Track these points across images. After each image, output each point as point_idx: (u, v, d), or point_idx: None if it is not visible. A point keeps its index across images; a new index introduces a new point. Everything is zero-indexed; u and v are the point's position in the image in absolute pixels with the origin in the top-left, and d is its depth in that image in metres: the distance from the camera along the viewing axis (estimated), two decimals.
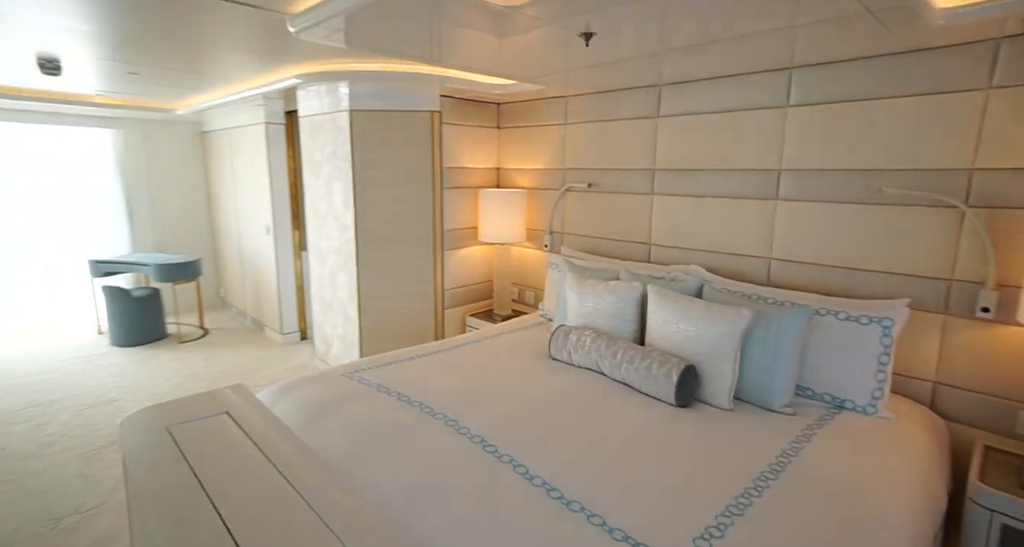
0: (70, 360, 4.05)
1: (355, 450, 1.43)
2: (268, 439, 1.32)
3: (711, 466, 1.42)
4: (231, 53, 2.53)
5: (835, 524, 1.20)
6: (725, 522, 1.18)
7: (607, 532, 1.13)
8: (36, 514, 2.24)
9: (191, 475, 1.15)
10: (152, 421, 1.40)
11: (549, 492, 1.27)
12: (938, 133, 1.79)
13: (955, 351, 1.83)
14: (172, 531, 0.95)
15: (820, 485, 1.35)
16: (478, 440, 1.49)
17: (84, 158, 4.79)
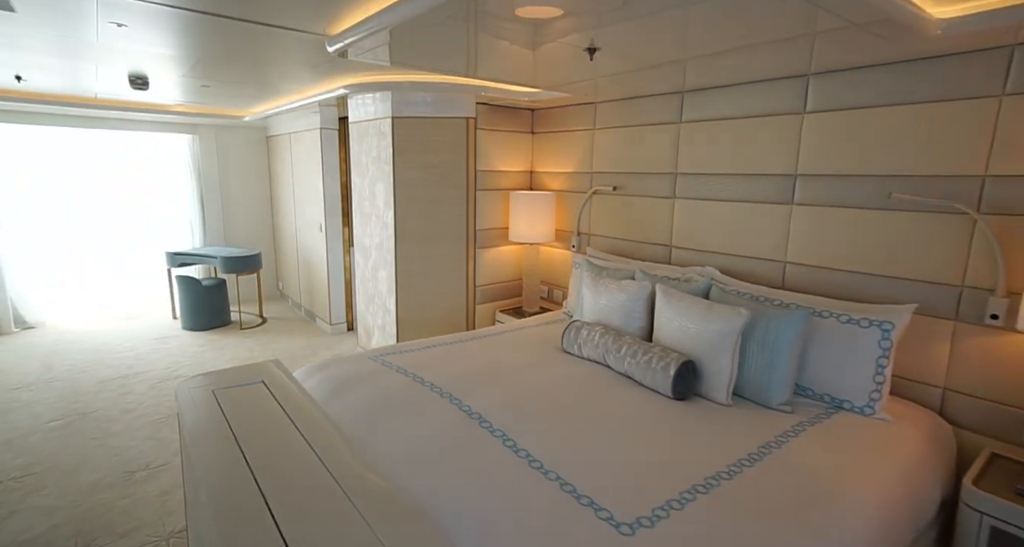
0: (148, 340, 4.57)
1: (367, 418, 1.64)
2: (293, 404, 1.55)
3: (692, 451, 1.51)
4: (287, 68, 2.83)
5: (793, 509, 1.27)
6: (688, 497, 1.28)
7: (576, 498, 1.26)
8: (116, 467, 2.62)
9: (228, 429, 1.39)
10: (201, 385, 1.67)
11: (531, 463, 1.41)
12: (950, 140, 1.78)
13: (965, 358, 1.81)
14: (213, 472, 1.17)
15: (793, 474, 1.42)
16: (476, 417, 1.65)
17: (165, 160, 5.38)
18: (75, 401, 3.37)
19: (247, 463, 1.18)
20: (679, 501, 1.27)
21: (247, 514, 0.99)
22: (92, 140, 5.05)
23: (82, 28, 2.04)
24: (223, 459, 1.23)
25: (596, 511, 1.22)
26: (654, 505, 1.24)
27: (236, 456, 1.21)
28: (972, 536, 1.52)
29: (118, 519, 2.22)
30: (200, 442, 1.29)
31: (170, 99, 4.04)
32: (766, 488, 1.35)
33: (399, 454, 1.44)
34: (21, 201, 4.82)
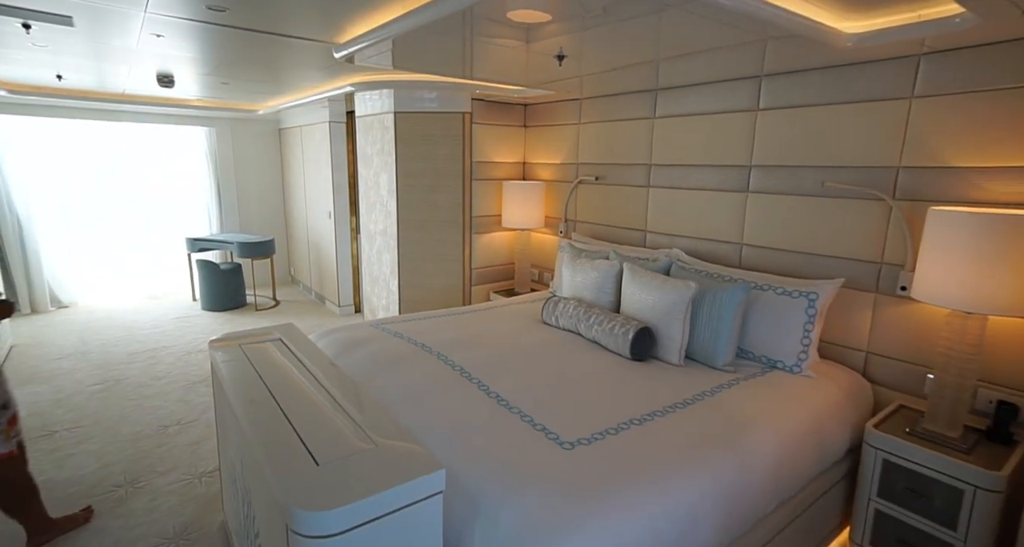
0: (171, 319, 4.95)
1: (369, 369, 1.96)
2: (307, 355, 1.87)
3: (638, 398, 1.81)
4: (299, 69, 3.14)
5: (709, 436, 1.57)
6: (623, 427, 1.59)
7: (532, 425, 1.58)
8: (152, 422, 2.98)
9: (255, 373, 1.71)
10: (229, 342, 1.99)
11: (499, 401, 1.72)
12: (872, 135, 2.04)
13: (883, 325, 2.09)
14: (245, 407, 1.47)
15: (717, 414, 1.71)
16: (458, 368, 1.97)
17: (184, 152, 5.73)
18: (110, 370, 3.74)
19: (276, 402, 1.50)
20: (615, 429, 1.57)
21: (280, 437, 1.30)
22: (118, 133, 5.40)
23: (126, 38, 2.35)
24: (256, 400, 1.55)
25: (547, 434, 1.53)
26: (594, 431, 1.55)
27: (267, 397, 1.53)
28: (870, 468, 1.82)
29: (157, 462, 2.58)
30: (235, 387, 1.62)
31: (190, 94, 4.37)
32: (691, 422, 1.65)
33: (394, 394, 1.76)
34: (55, 190, 5.20)
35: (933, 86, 1.87)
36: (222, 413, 1.88)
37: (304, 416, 1.40)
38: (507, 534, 1.18)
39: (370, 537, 1.08)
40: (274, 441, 1.27)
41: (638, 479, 1.35)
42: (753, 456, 1.57)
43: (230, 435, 1.73)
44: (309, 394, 1.55)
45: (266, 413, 1.42)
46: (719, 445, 1.55)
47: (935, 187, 1.90)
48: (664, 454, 1.47)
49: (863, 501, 1.86)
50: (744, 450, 1.56)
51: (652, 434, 1.56)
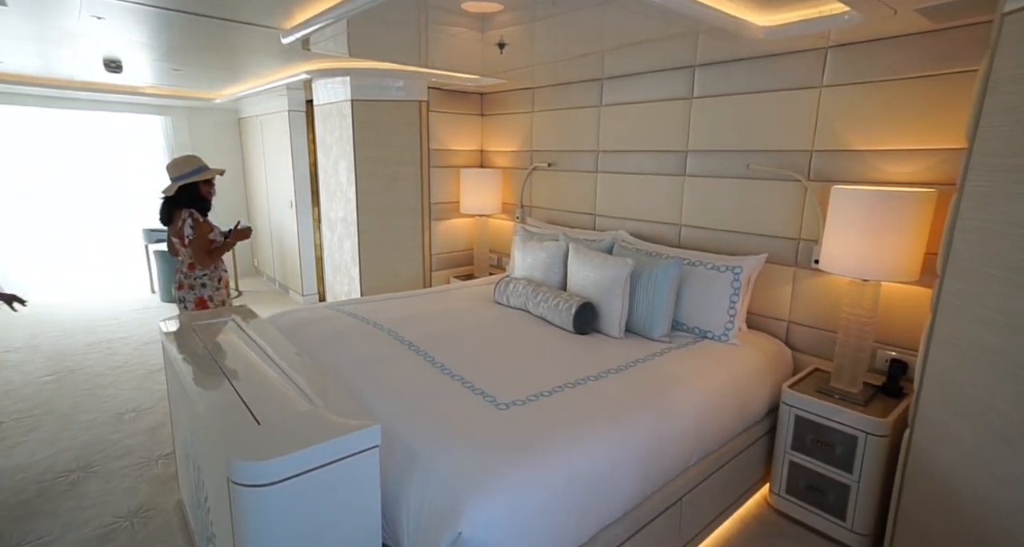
0: (129, 311, 4.87)
1: (320, 345, 2.04)
2: (258, 333, 1.94)
3: (575, 366, 1.95)
4: (251, 56, 3.15)
5: (637, 395, 1.72)
6: (558, 390, 1.72)
7: (471, 390, 1.69)
8: (107, 410, 2.98)
9: (204, 350, 1.77)
10: (180, 322, 2.04)
11: (442, 370, 1.83)
12: (789, 121, 2.22)
13: (801, 296, 2.28)
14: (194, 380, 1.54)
15: (647, 377, 1.86)
16: (407, 343, 2.07)
17: (138, 141, 5.60)
18: (63, 360, 3.69)
19: (223, 372, 1.57)
20: (549, 392, 1.70)
21: (226, 404, 1.37)
22: (68, 121, 5.24)
23: (64, 20, 2.34)
24: (204, 370, 1.61)
25: (484, 397, 1.64)
26: (529, 394, 1.67)
27: (215, 368, 1.60)
28: (785, 424, 2.01)
29: (112, 448, 2.59)
30: (185, 360, 1.67)
31: (142, 81, 4.29)
32: (619, 385, 1.79)
33: (341, 365, 1.85)
34: (2, 181, 5.02)
35: (838, 76, 2.05)
36: (174, 391, 1.93)
37: (251, 387, 1.48)
38: (440, 481, 1.29)
39: (308, 486, 1.17)
40: (221, 407, 1.35)
41: (564, 432, 1.48)
42: (673, 413, 1.72)
43: (182, 412, 1.79)
44: (258, 367, 1.63)
45: (214, 385, 1.49)
46: (642, 403, 1.69)
47: (841, 168, 2.09)
48: (591, 412, 1.60)
49: (780, 454, 2.05)
50: (665, 407, 1.71)
51: (583, 396, 1.70)
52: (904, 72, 1.89)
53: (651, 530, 1.62)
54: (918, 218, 1.71)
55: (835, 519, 1.90)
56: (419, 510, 1.28)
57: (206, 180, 2.67)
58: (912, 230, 1.72)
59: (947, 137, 1.81)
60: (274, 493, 1.13)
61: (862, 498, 1.82)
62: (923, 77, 1.85)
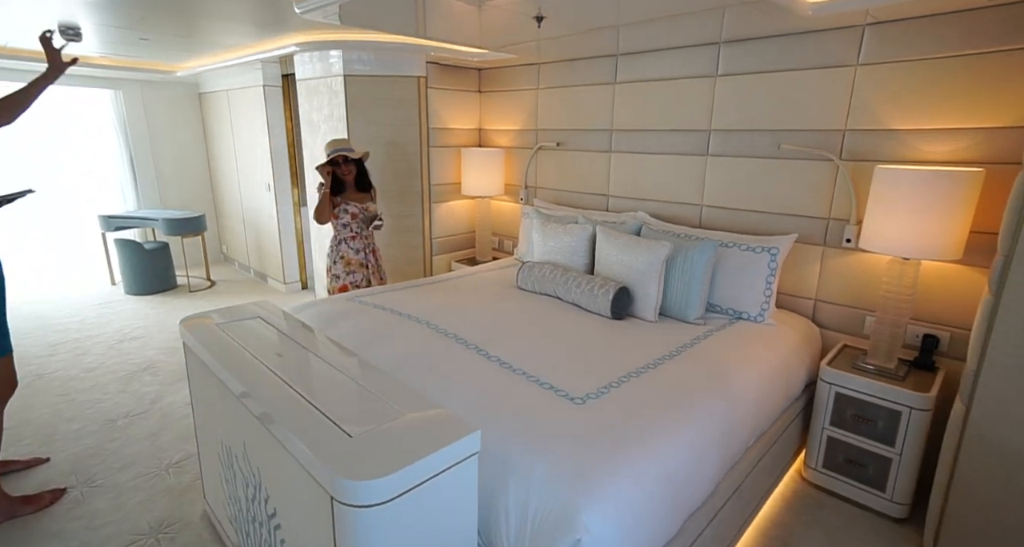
0: (91, 306, 4.47)
1: (361, 341, 1.91)
2: (293, 331, 1.79)
3: (627, 353, 1.91)
4: (235, 24, 2.85)
5: (699, 383, 1.71)
6: (624, 380, 1.68)
7: (540, 384, 1.63)
8: (93, 418, 2.73)
9: (246, 352, 1.61)
10: (203, 322, 1.86)
11: (501, 364, 1.76)
12: (823, 100, 2.22)
13: (829, 274, 2.33)
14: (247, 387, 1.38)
15: (701, 363, 1.85)
16: (451, 335, 1.97)
17: (87, 117, 5.06)
18: (27, 364, 3.34)
19: (277, 376, 1.43)
20: (616, 383, 1.66)
21: (300, 413, 1.24)
22: None
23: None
24: (255, 375, 1.47)
25: (556, 392, 1.59)
26: (599, 386, 1.63)
27: (266, 372, 1.45)
28: (824, 400, 2.06)
29: (111, 458, 2.38)
30: (225, 364, 1.52)
31: (94, 50, 3.83)
32: (681, 372, 1.78)
33: (394, 363, 1.74)
34: None
35: (876, 54, 2.05)
36: (204, 397, 1.77)
37: (317, 392, 1.36)
38: (543, 487, 1.23)
39: (414, 501, 1.09)
40: (297, 418, 1.23)
41: (647, 425, 1.45)
42: (738, 397, 1.72)
43: (219, 419, 1.64)
44: (315, 369, 1.50)
45: (274, 392, 1.35)
46: (710, 390, 1.68)
47: (877, 148, 2.11)
48: (665, 403, 1.57)
49: (817, 430, 2.11)
50: (731, 393, 1.71)
51: (650, 385, 1.67)
52: (944, 50, 1.90)
53: (722, 516, 1.63)
54: (965, 197, 1.75)
55: (875, 490, 1.98)
56: (523, 518, 1.22)
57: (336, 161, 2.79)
58: (959, 209, 1.76)
59: (989, 116, 1.85)
60: (384, 511, 1.04)
61: (903, 470, 1.90)
62: (965, 56, 1.87)
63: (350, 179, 2.87)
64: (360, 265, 2.94)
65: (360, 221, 2.89)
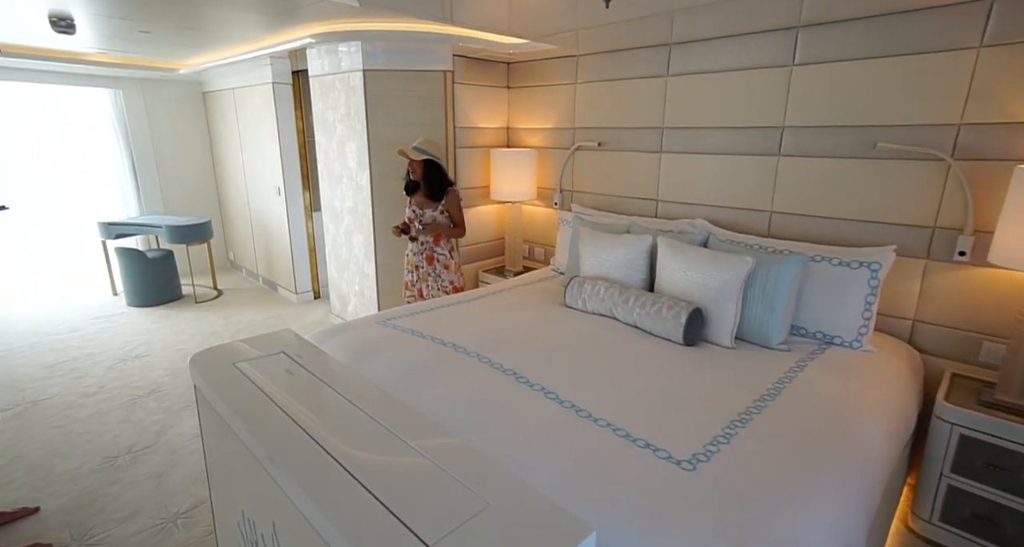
0: (91, 319, 4.19)
1: (404, 380, 1.61)
2: (325, 370, 1.50)
3: (716, 391, 1.62)
4: (244, 13, 2.55)
5: (819, 434, 1.41)
6: (730, 432, 1.38)
7: (631, 441, 1.33)
8: (92, 454, 2.44)
9: (271, 403, 1.32)
10: (218, 359, 1.57)
11: (578, 412, 1.46)
12: (931, 90, 1.91)
13: (933, 292, 2.03)
14: (277, 454, 1.10)
15: (809, 404, 1.56)
16: (510, 373, 1.67)
17: (85, 118, 4.78)
18: (21, 389, 3.07)
19: (314, 440, 1.14)
20: (723, 437, 1.36)
21: (350, 501, 0.96)
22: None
23: None
24: (274, 426, 1.18)
25: (655, 451, 1.29)
26: (704, 442, 1.33)
27: (299, 434, 1.17)
28: (943, 442, 1.76)
29: (111, 505, 2.09)
30: (247, 418, 1.23)
31: (90, 46, 3.54)
32: (791, 418, 1.48)
33: (450, 411, 1.44)
34: None
35: (1008, 33, 1.74)
36: (221, 454, 1.47)
37: (369, 465, 1.06)
38: None
39: None
40: (345, 508, 0.93)
41: (777, 502, 1.15)
42: (865, 449, 1.42)
43: (240, 485, 1.34)
44: (362, 432, 1.20)
45: (313, 465, 1.06)
46: (836, 444, 1.38)
47: (1004, 145, 1.80)
48: (792, 466, 1.28)
49: (932, 476, 1.80)
50: (857, 445, 1.41)
51: (761, 439, 1.37)
52: None
53: None
54: None
55: None
56: None
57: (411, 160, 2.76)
58: None
59: None
60: None
61: None
62: None
63: (415, 177, 2.79)
64: (415, 267, 2.91)
65: (416, 225, 2.82)
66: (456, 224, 2.84)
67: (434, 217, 2.78)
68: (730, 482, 1.19)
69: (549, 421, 1.41)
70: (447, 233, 2.84)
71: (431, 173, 2.75)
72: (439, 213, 2.78)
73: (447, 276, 2.90)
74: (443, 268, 2.89)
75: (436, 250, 2.87)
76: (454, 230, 2.84)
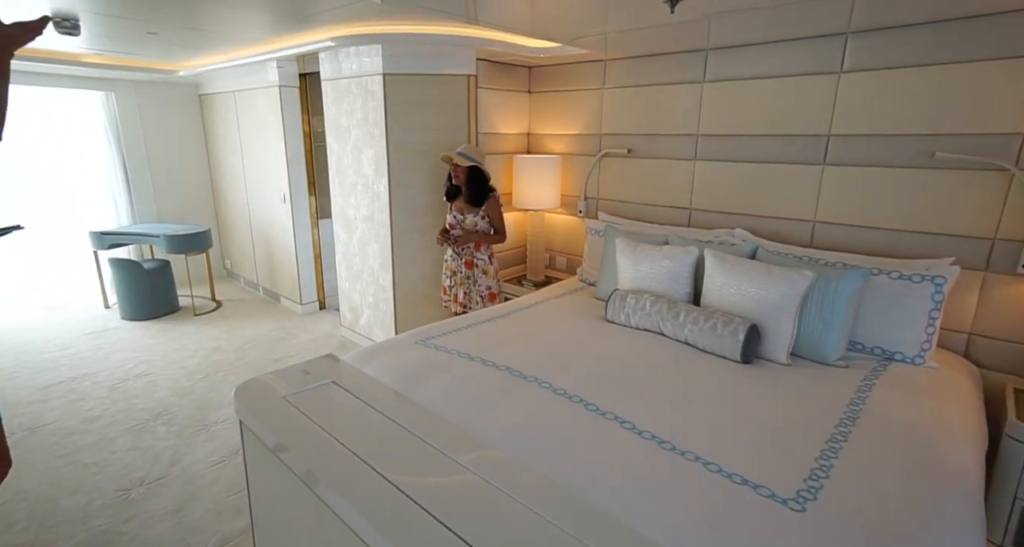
0: (84, 335, 3.97)
1: (465, 408, 1.50)
2: (384, 402, 1.38)
3: (791, 415, 1.54)
4: (260, 14, 2.41)
5: (916, 465, 1.33)
6: (824, 464, 1.30)
7: (726, 477, 1.24)
8: (102, 487, 2.27)
9: (323, 432, 1.21)
10: (264, 392, 1.44)
11: (661, 444, 1.36)
12: (994, 98, 1.86)
13: (992, 305, 1.98)
14: (370, 515, 0.98)
15: (895, 431, 1.48)
16: (577, 400, 1.57)
17: (75, 123, 4.55)
18: (18, 415, 2.86)
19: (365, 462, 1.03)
20: (820, 469, 1.28)
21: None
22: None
23: None
24: (345, 469, 1.06)
25: (755, 489, 1.20)
26: (802, 476, 1.25)
27: (349, 456, 1.05)
28: (1017, 467, 1.70)
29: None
30: (302, 451, 1.11)
31: (87, 48, 3.35)
32: (881, 445, 1.40)
33: (520, 444, 1.33)
34: None
35: None
36: (274, 493, 1.35)
37: (474, 526, 0.95)
38: None
39: None
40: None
41: (899, 542, 1.07)
42: (965, 477, 1.35)
43: (302, 532, 1.22)
44: (452, 482, 1.09)
45: (411, 521, 0.94)
46: (936, 474, 1.31)
47: None
48: (902, 502, 1.19)
49: (1006, 499, 1.75)
50: (957, 474, 1.34)
51: (858, 470, 1.29)
52: None
53: None
54: None
55: None
56: None
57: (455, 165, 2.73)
58: None
59: None
60: None
61: None
62: None
63: (457, 183, 2.75)
64: (453, 272, 2.88)
65: (454, 231, 2.79)
66: (497, 231, 2.80)
67: (475, 222, 2.75)
68: (842, 522, 1.10)
69: (637, 457, 1.31)
70: (487, 240, 2.79)
71: (474, 179, 2.70)
72: (480, 218, 2.74)
73: (485, 282, 2.84)
74: (482, 273, 2.83)
75: (476, 255, 2.83)
76: (494, 236, 2.80)
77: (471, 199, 2.74)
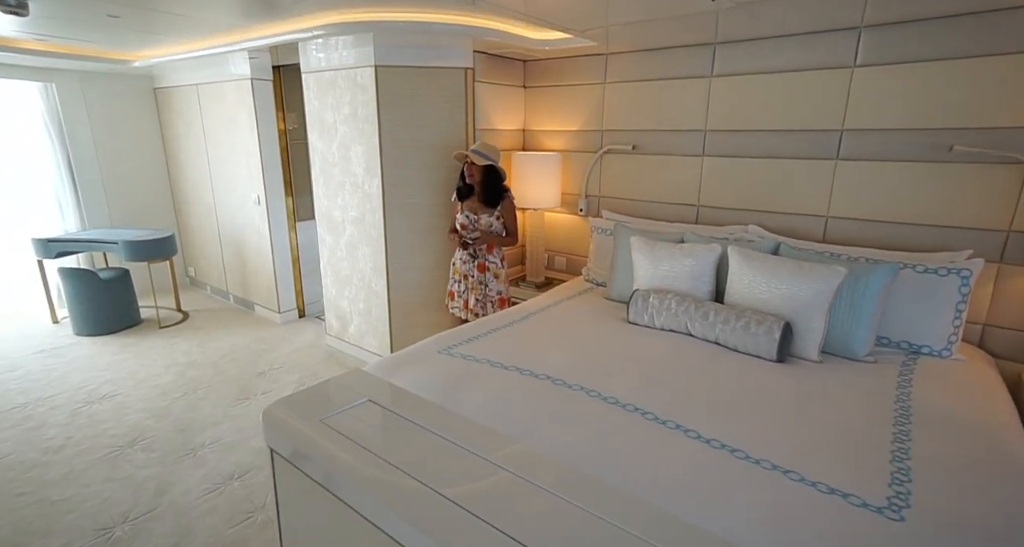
0: (31, 355, 3.58)
1: (515, 422, 1.37)
2: (431, 419, 1.25)
3: (844, 416, 1.51)
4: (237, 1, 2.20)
5: (989, 465, 1.32)
6: (902, 467, 1.26)
7: (811, 486, 1.18)
8: (78, 526, 2.01)
9: (369, 453, 1.07)
10: (299, 415, 1.28)
11: (733, 453, 1.30)
12: (1013, 92, 1.89)
13: (1007, 296, 2.03)
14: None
15: (951, 426, 1.47)
16: (631, 408, 1.48)
17: (6, 116, 4.08)
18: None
19: (425, 485, 0.91)
20: (899, 472, 1.24)
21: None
22: None
23: None
24: (405, 495, 0.94)
25: (844, 498, 1.14)
26: (885, 481, 1.21)
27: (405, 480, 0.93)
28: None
29: None
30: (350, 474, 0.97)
31: (27, 32, 2.98)
32: (946, 444, 1.38)
33: (589, 463, 1.23)
34: None
35: None
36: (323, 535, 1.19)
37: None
38: None
39: None
40: None
41: None
42: None
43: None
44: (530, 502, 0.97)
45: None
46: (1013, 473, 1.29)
47: None
48: (984, 500, 1.17)
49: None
50: (1017, 465, 1.33)
51: (935, 472, 1.26)
52: None
53: None
54: None
55: None
56: None
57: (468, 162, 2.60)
58: None
59: None
60: None
61: None
62: None
63: (471, 181, 2.62)
64: (464, 276, 2.72)
65: (468, 232, 2.65)
66: (509, 232, 2.68)
67: (491, 223, 2.64)
68: (948, 528, 1.06)
69: (715, 470, 1.23)
70: (500, 242, 2.68)
71: (490, 178, 2.58)
72: (495, 219, 2.62)
73: (496, 286, 2.72)
74: (493, 277, 2.71)
75: (489, 258, 2.70)
76: (506, 239, 2.69)
77: (486, 199, 2.61)
